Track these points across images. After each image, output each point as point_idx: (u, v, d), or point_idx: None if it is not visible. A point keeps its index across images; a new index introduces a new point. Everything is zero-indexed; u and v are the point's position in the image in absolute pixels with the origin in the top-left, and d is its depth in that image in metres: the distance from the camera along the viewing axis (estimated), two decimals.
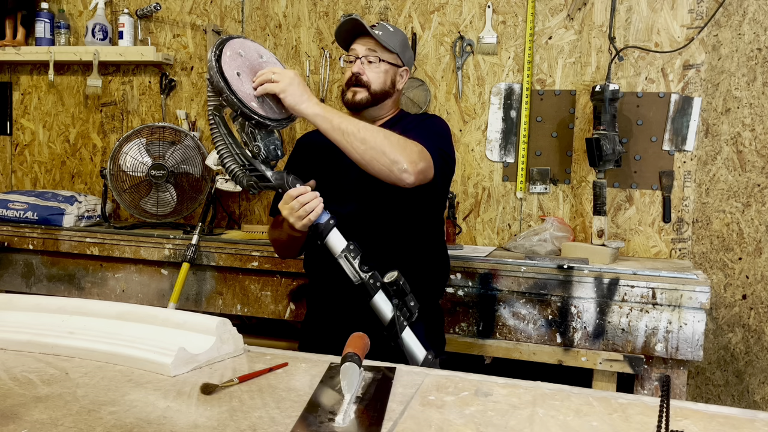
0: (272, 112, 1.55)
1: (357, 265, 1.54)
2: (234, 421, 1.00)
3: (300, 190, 1.55)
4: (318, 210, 1.55)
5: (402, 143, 1.60)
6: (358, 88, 1.79)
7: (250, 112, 1.49)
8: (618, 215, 2.54)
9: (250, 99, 1.51)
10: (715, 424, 1.04)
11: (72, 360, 1.28)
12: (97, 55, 2.99)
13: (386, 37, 1.83)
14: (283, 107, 1.57)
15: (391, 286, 1.51)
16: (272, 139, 1.56)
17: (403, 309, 1.51)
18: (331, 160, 1.83)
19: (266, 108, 1.53)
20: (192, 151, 2.78)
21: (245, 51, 1.58)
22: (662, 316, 2.05)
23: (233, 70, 1.51)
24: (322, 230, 1.56)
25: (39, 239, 2.72)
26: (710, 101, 2.52)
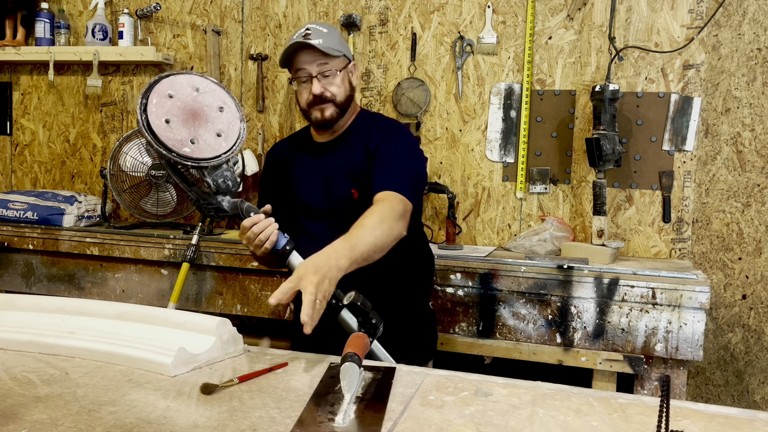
0: (209, 150, 1.50)
1: None
2: (234, 421, 1.00)
3: (253, 219, 1.54)
4: (273, 237, 1.54)
5: (394, 218, 1.57)
6: (324, 105, 1.73)
7: (182, 160, 1.46)
8: (618, 215, 2.54)
9: (182, 145, 1.46)
10: (715, 424, 1.04)
11: (72, 360, 1.28)
12: (97, 55, 2.99)
13: (327, 42, 1.72)
14: (222, 140, 1.54)
15: (350, 307, 1.50)
16: (220, 172, 1.54)
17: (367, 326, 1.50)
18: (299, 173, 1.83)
19: (202, 148, 1.49)
20: None
21: (175, 90, 1.52)
22: (662, 316, 2.05)
23: (161, 118, 1.46)
24: (281, 255, 1.56)
25: (39, 239, 2.72)
26: (710, 101, 2.52)
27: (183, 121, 1.50)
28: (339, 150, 1.80)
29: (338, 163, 1.78)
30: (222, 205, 1.55)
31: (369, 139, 1.75)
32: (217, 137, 1.52)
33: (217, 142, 1.52)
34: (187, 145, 1.48)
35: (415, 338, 1.83)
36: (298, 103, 1.81)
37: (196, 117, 1.51)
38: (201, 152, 1.49)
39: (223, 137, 1.53)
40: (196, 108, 1.52)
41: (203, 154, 1.49)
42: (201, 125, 1.51)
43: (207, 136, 1.51)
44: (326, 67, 1.71)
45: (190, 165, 1.48)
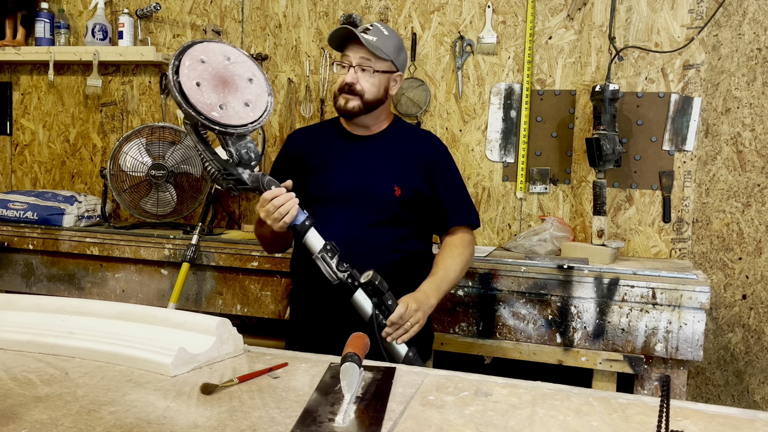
0: (236, 118, 1.51)
1: (335, 265, 1.55)
2: (234, 421, 1.00)
3: (274, 192, 1.54)
4: (293, 212, 1.55)
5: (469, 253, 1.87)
6: (351, 96, 1.77)
7: (210, 124, 1.47)
8: (618, 215, 2.54)
9: (210, 109, 1.47)
10: (715, 424, 1.04)
11: (72, 360, 1.28)
12: (97, 55, 2.99)
13: (380, 43, 1.78)
14: (249, 110, 1.55)
15: (368, 286, 1.52)
16: (244, 143, 1.54)
17: (382, 307, 1.52)
18: (321, 166, 1.83)
19: (230, 115, 1.50)
20: (192, 151, 2.78)
21: (208, 56, 1.53)
22: (662, 316, 2.05)
23: (192, 80, 1.47)
24: (299, 231, 1.56)
25: (39, 239, 2.72)
26: (710, 101, 2.52)
27: (213, 86, 1.50)
28: (382, 147, 1.84)
29: (382, 159, 1.83)
30: (242, 177, 1.54)
31: (420, 150, 1.86)
32: (245, 106, 1.52)
33: (245, 112, 1.52)
34: (216, 110, 1.48)
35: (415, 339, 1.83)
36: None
37: (226, 84, 1.52)
38: (229, 118, 1.49)
39: (250, 107, 1.53)
40: (226, 76, 1.52)
41: (231, 120, 1.49)
42: (230, 93, 1.52)
43: (235, 104, 1.51)
44: (367, 63, 1.77)
45: (217, 130, 1.47)
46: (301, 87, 2.87)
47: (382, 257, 1.74)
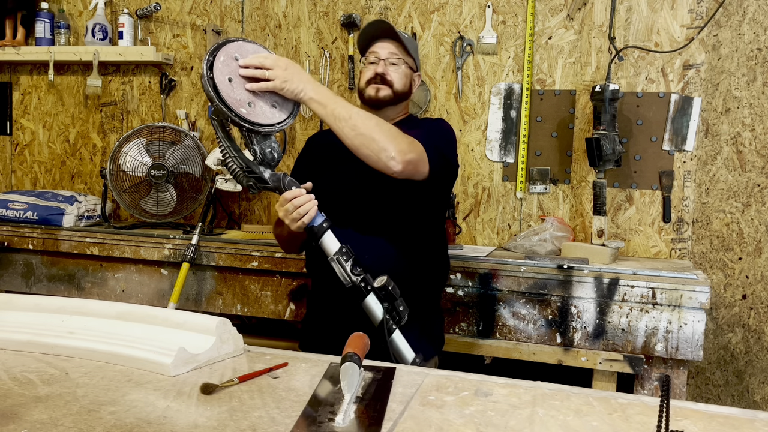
0: (263, 117, 1.54)
1: (349, 268, 1.56)
2: (234, 421, 1.00)
3: (294, 192, 1.56)
4: (312, 213, 1.56)
5: (393, 133, 1.63)
6: (382, 86, 1.83)
7: (239, 120, 1.49)
8: (618, 215, 2.54)
9: (239, 105, 1.50)
10: (715, 424, 1.04)
11: (72, 360, 1.28)
12: (97, 55, 2.99)
13: (407, 41, 1.88)
14: (276, 111, 1.57)
15: (381, 291, 1.53)
16: (269, 142, 1.56)
17: (393, 313, 1.53)
18: (340, 160, 1.84)
19: (257, 113, 1.53)
20: (192, 151, 2.78)
21: (242, 54, 1.56)
22: (662, 316, 2.05)
23: (225, 75, 1.50)
24: (315, 232, 1.57)
25: (39, 239, 2.72)
26: (710, 101, 2.52)
27: (244, 84, 1.53)
28: None
29: None
30: (264, 176, 1.56)
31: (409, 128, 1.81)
32: (272, 107, 1.55)
33: (272, 112, 1.55)
34: (245, 106, 1.50)
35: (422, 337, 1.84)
36: (357, 86, 1.90)
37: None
38: (256, 116, 1.51)
39: (277, 109, 1.56)
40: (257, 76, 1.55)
41: (258, 119, 1.52)
42: (259, 93, 1.54)
43: (263, 104, 1.54)
44: (396, 57, 1.84)
45: (246, 127, 1.49)
46: None
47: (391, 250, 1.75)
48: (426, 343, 1.86)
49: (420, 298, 1.84)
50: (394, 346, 1.56)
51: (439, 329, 1.96)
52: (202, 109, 3.02)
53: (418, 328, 1.83)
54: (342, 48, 2.81)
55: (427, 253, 1.87)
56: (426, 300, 1.87)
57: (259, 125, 1.51)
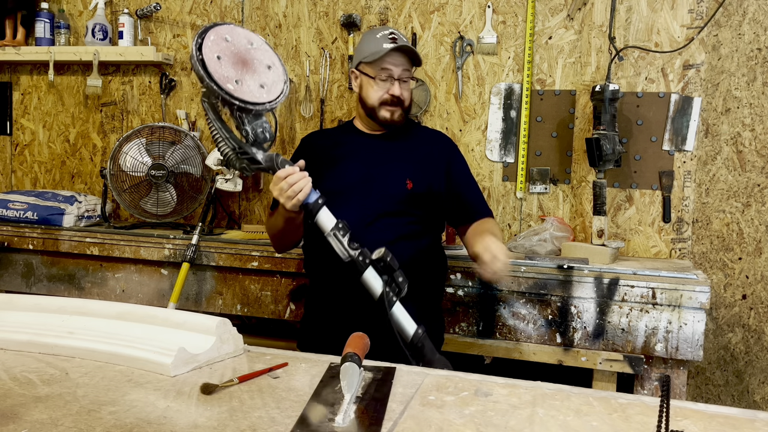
0: (251, 95, 1.54)
1: (346, 243, 1.55)
2: (234, 421, 1.00)
3: (288, 170, 1.56)
4: (306, 189, 1.56)
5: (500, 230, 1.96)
6: (396, 107, 1.84)
7: (229, 97, 1.49)
8: (618, 215, 2.54)
9: (227, 81, 1.51)
10: (715, 424, 1.04)
11: (72, 360, 1.28)
12: (97, 55, 2.99)
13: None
14: (264, 91, 1.57)
15: (379, 263, 1.53)
16: (260, 122, 1.57)
17: (392, 284, 1.53)
18: (335, 162, 1.85)
19: (245, 91, 1.53)
20: (192, 151, 2.78)
21: (233, 37, 1.57)
22: (662, 316, 2.05)
23: (214, 53, 1.51)
24: (311, 209, 1.57)
25: (39, 239, 2.72)
26: (710, 101, 2.52)
27: (233, 63, 1.54)
28: (395, 143, 1.89)
29: (395, 154, 1.88)
30: (257, 156, 1.56)
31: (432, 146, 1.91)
32: (260, 88, 1.56)
33: (259, 92, 1.55)
34: (231, 83, 1.51)
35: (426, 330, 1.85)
36: (362, 99, 1.88)
37: (245, 65, 1.55)
38: (242, 94, 1.52)
39: (265, 90, 1.56)
40: (247, 58, 1.56)
41: (244, 96, 1.52)
42: (247, 73, 1.55)
43: (251, 83, 1.54)
44: (407, 74, 1.85)
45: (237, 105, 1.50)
46: (301, 87, 2.87)
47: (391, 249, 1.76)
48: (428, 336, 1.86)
49: (420, 300, 1.84)
50: (395, 319, 1.54)
51: (439, 331, 1.95)
52: (202, 109, 3.01)
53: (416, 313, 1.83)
54: (342, 48, 2.81)
55: (427, 254, 1.88)
56: (426, 301, 1.87)
57: (249, 103, 1.52)
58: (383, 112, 1.84)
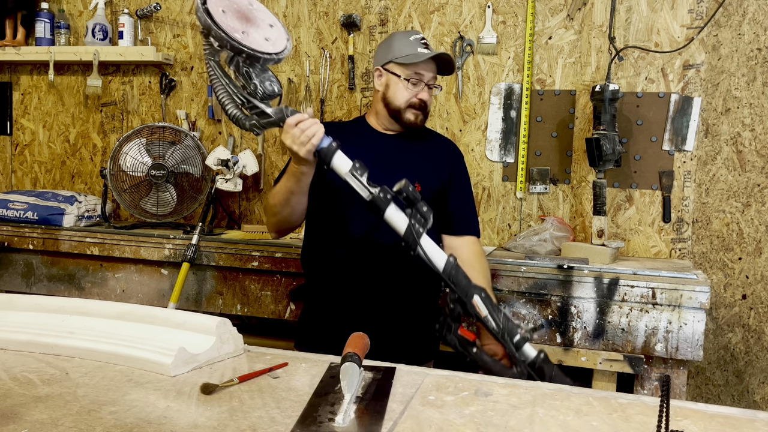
0: (257, 45, 1.53)
1: (365, 181, 1.52)
2: (234, 421, 1.00)
3: (298, 117, 1.55)
4: (319, 134, 1.54)
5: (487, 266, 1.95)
6: (422, 111, 1.86)
7: (238, 45, 1.48)
8: (618, 215, 2.54)
9: (234, 31, 1.51)
10: (715, 424, 1.04)
11: (72, 360, 1.28)
12: (97, 55, 2.99)
13: None
14: (269, 44, 1.56)
15: (400, 194, 1.50)
16: (267, 75, 1.55)
17: (417, 216, 1.50)
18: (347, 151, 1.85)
19: (252, 41, 1.53)
20: (192, 151, 2.78)
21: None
22: (662, 316, 2.05)
23: (219, 7, 1.51)
24: (326, 153, 1.54)
25: (39, 239, 2.72)
26: (710, 101, 2.52)
27: (237, 17, 1.54)
28: (407, 144, 1.89)
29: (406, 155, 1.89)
30: (266, 110, 1.55)
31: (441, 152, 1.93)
32: (265, 41, 1.55)
33: (265, 44, 1.55)
34: (239, 33, 1.50)
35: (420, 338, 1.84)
36: (386, 98, 1.87)
37: (249, 20, 1.56)
38: (251, 43, 1.51)
39: (270, 42, 1.56)
40: (249, 15, 1.56)
41: (252, 44, 1.51)
42: (252, 26, 1.55)
43: (256, 36, 1.54)
44: (434, 82, 1.87)
45: (247, 52, 1.48)
46: (301, 87, 2.87)
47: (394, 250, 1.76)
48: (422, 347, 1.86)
49: (420, 300, 1.84)
50: (424, 251, 1.49)
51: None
52: (202, 109, 3.02)
53: (416, 330, 1.83)
54: (342, 48, 2.81)
55: None
56: (427, 305, 1.87)
57: (257, 51, 1.50)
58: (409, 114, 1.84)
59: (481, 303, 1.43)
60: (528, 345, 1.45)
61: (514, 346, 1.43)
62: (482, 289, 1.47)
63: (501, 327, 1.43)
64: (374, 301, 1.76)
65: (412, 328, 1.81)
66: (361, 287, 1.76)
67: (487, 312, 1.44)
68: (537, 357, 1.44)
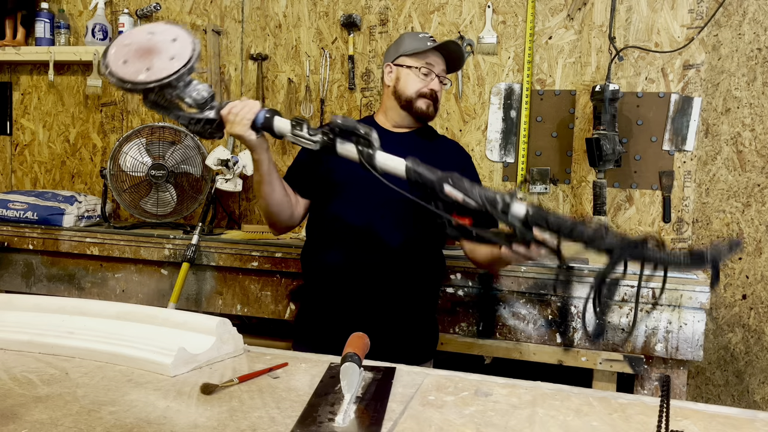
0: (163, 72, 1.58)
1: (308, 134, 1.55)
2: (234, 421, 1.00)
3: (229, 106, 1.60)
4: (252, 110, 1.58)
5: None
6: (432, 101, 1.87)
7: (145, 86, 1.53)
8: (618, 215, 2.54)
9: (138, 73, 1.55)
10: (715, 424, 1.04)
11: (72, 360, 1.28)
12: (97, 55, 2.99)
13: None
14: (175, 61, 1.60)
15: (338, 130, 1.51)
16: (192, 87, 1.60)
17: (361, 140, 1.51)
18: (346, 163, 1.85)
19: (156, 72, 1.57)
20: (192, 151, 2.78)
21: (132, 38, 1.62)
22: (662, 316, 2.05)
23: (119, 60, 1.57)
24: (266, 125, 1.59)
25: (39, 239, 2.72)
26: (710, 101, 2.52)
27: (139, 57, 1.59)
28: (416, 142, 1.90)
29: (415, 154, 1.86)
30: (209, 116, 1.61)
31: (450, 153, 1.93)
32: (170, 60, 1.60)
33: (170, 64, 1.59)
34: (143, 72, 1.56)
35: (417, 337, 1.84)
36: (395, 91, 1.88)
37: (151, 52, 1.60)
38: (156, 74, 1.57)
39: (176, 59, 1.60)
40: (150, 46, 1.61)
41: (159, 75, 1.57)
42: (155, 56, 1.60)
43: (160, 63, 1.59)
44: (444, 75, 1.89)
45: (157, 87, 1.55)
46: (301, 87, 2.87)
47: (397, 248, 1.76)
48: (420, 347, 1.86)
49: (419, 299, 1.84)
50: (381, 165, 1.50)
51: (434, 336, 1.94)
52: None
53: (415, 329, 1.83)
54: (342, 48, 2.81)
55: (431, 257, 1.88)
56: (424, 304, 1.87)
57: (165, 78, 1.55)
58: (420, 102, 1.85)
59: (454, 189, 1.41)
60: (515, 204, 1.38)
61: (501, 212, 1.39)
62: (449, 175, 1.43)
63: (481, 202, 1.39)
64: (371, 301, 1.76)
65: (410, 327, 1.81)
66: (357, 286, 1.76)
67: (461, 195, 1.40)
68: (527, 212, 1.38)
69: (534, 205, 1.37)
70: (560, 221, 1.31)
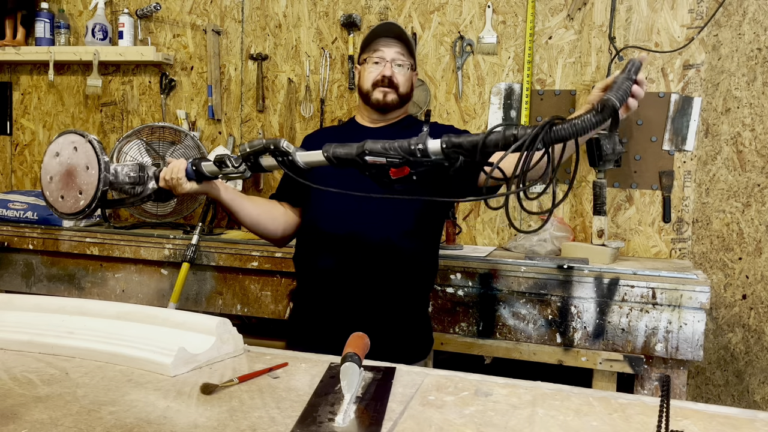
0: (70, 207, 1.64)
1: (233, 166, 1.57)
2: (234, 421, 1.00)
3: (162, 174, 1.65)
4: (178, 167, 1.62)
5: None
6: (389, 89, 1.83)
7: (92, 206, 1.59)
8: (618, 215, 2.54)
9: (56, 198, 1.64)
10: (715, 424, 1.04)
11: (72, 360, 1.28)
12: (97, 55, 2.99)
13: (411, 41, 1.89)
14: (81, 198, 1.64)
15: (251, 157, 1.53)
16: (122, 174, 1.65)
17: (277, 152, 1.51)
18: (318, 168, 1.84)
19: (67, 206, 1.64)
20: (192, 151, 2.78)
21: (50, 171, 1.66)
22: (662, 316, 2.05)
23: (48, 174, 1.64)
24: (198, 174, 1.64)
25: (39, 239, 2.72)
26: (710, 101, 2.52)
27: (67, 187, 1.65)
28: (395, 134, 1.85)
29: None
30: (154, 187, 1.68)
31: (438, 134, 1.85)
32: (78, 195, 1.66)
33: (76, 201, 1.66)
34: (81, 199, 1.63)
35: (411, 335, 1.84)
36: (359, 87, 1.89)
37: (71, 174, 1.66)
38: (65, 209, 1.66)
39: (82, 195, 1.65)
40: (71, 168, 1.66)
41: (67, 210, 1.66)
42: (76, 176, 1.65)
43: (71, 195, 1.65)
44: (401, 58, 1.84)
45: (96, 202, 1.62)
46: (301, 87, 2.87)
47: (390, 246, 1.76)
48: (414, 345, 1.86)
49: (412, 298, 1.84)
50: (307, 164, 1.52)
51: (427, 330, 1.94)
52: (202, 109, 3.02)
53: (409, 329, 1.83)
54: (342, 48, 2.81)
55: (424, 253, 1.87)
56: (416, 302, 1.87)
57: (97, 191, 1.61)
58: (376, 93, 1.83)
59: (372, 156, 1.40)
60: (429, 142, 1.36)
61: (422, 155, 1.36)
62: (362, 145, 1.41)
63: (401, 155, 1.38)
64: (362, 300, 1.75)
65: (400, 325, 1.81)
66: (348, 286, 1.76)
67: (383, 159, 1.40)
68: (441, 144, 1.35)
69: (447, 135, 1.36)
70: (472, 139, 1.32)
